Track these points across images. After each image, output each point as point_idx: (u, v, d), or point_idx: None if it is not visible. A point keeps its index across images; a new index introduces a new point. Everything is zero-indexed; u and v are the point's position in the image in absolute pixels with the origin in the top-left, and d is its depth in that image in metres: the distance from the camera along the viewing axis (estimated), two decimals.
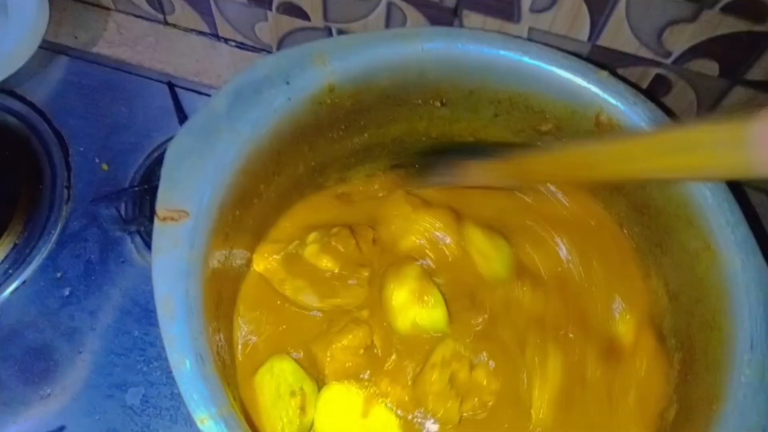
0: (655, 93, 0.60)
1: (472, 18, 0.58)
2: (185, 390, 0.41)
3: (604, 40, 0.56)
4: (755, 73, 0.55)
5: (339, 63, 0.50)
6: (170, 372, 0.55)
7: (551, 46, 0.53)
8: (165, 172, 0.45)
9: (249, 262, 0.54)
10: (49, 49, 0.69)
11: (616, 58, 0.57)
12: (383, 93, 0.54)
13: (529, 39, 0.56)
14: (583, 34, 0.56)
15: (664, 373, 0.52)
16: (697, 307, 0.50)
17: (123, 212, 0.62)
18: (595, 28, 0.56)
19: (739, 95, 0.58)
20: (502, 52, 0.52)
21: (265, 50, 0.71)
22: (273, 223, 0.57)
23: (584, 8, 0.54)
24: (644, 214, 0.54)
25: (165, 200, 0.44)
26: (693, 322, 0.50)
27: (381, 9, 0.61)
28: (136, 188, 0.62)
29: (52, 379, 0.56)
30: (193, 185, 0.45)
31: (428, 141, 0.59)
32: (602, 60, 0.57)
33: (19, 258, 0.60)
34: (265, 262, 0.54)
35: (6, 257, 0.60)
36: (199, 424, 0.40)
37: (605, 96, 0.51)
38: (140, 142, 0.65)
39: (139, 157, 0.65)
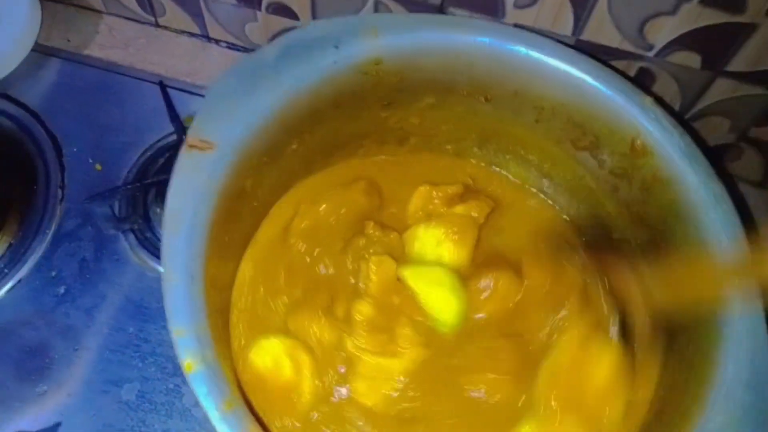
0: (639, 85, 0.61)
1: (457, 14, 0.59)
2: (168, 302, 0.42)
3: (587, 34, 0.57)
4: (736, 64, 0.56)
5: (390, 38, 0.51)
6: (165, 368, 0.57)
7: (602, 62, 0.52)
8: (204, 105, 0.48)
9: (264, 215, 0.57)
10: (41, 51, 0.70)
11: (600, 51, 0.58)
12: (430, 77, 0.54)
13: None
14: (567, 28, 0.57)
15: None
16: (688, 348, 0.49)
17: (116, 211, 0.63)
18: (579, 23, 0.56)
19: (721, 87, 0.59)
20: (550, 59, 0.52)
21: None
22: (295, 183, 0.59)
23: (567, 3, 0.55)
24: (662, 250, 0.53)
25: (196, 129, 0.47)
26: (683, 362, 0.49)
27: (369, 7, 0.62)
28: (129, 186, 0.62)
29: (48, 377, 0.56)
30: (225, 121, 0.47)
31: None
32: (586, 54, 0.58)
33: (14, 257, 0.60)
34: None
35: (1, 257, 0.60)
36: (173, 336, 0.41)
37: (643, 121, 0.50)
38: (133, 142, 0.66)
39: (132, 156, 0.65)
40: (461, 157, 0.63)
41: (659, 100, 0.52)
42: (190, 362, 0.41)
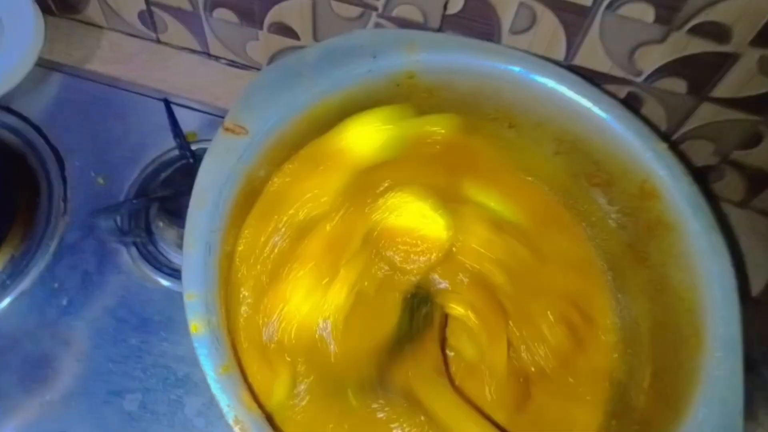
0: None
1: None
2: (186, 268, 0.45)
3: (579, 60, 0.60)
4: (721, 91, 0.59)
5: (425, 55, 0.54)
6: (167, 379, 0.58)
7: (625, 104, 0.54)
8: (244, 94, 0.51)
9: None
10: (43, 65, 0.71)
11: (591, 76, 0.61)
12: (459, 97, 0.56)
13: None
14: (560, 54, 0.60)
15: None
16: (667, 390, 0.50)
17: (119, 224, 0.64)
18: (571, 49, 0.59)
19: (706, 112, 0.62)
20: (574, 95, 0.53)
21: (256, 68, 0.74)
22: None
23: (561, 30, 0.57)
24: (659, 291, 0.54)
25: (233, 115, 0.50)
26: (659, 401, 0.50)
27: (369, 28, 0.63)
28: (134, 201, 0.63)
29: (51, 387, 0.57)
30: (261, 110, 0.51)
31: None
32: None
33: (16, 270, 0.61)
34: None
35: (3, 269, 0.61)
36: (185, 299, 0.44)
37: (656, 165, 0.52)
38: (135, 157, 0.67)
39: (134, 170, 0.66)
40: None
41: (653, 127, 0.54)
42: (196, 324, 0.44)
